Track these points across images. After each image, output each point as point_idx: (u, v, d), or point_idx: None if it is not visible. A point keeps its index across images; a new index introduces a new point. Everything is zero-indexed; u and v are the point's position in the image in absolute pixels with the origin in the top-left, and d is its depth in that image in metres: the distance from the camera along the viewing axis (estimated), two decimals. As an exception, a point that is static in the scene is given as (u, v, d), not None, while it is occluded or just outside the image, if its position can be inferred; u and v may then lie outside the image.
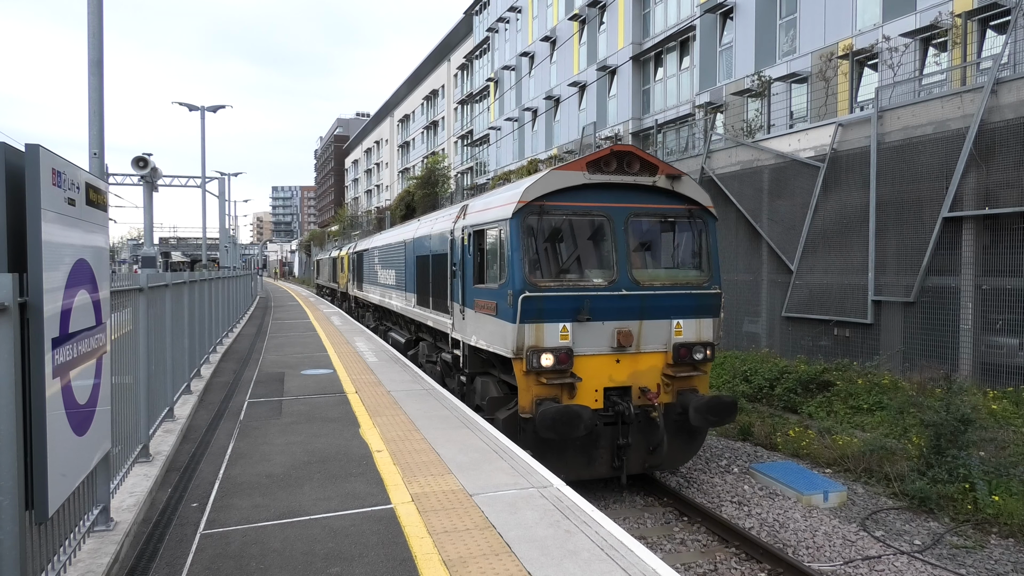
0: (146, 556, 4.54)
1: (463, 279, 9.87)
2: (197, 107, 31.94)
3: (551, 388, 8.09)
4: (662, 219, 8.91)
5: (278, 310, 29.63)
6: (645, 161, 8.60)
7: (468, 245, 9.63)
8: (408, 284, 14.86)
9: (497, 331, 8.48)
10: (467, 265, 9.72)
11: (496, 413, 8.69)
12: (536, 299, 7.99)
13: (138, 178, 18.66)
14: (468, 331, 9.72)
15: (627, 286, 8.35)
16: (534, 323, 8.00)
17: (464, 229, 9.88)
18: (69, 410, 3.59)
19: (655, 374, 8.58)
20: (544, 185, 8.18)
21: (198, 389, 10.22)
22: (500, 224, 8.47)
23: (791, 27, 22.55)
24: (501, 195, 9.01)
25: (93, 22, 9.45)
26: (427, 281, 12.69)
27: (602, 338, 8.31)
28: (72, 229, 3.66)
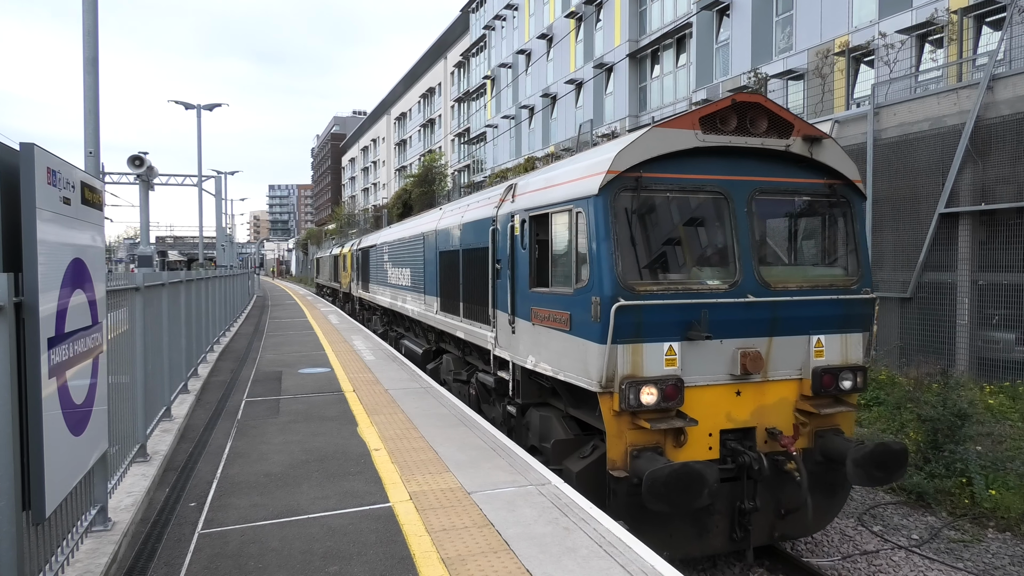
0: (144, 556, 4.54)
1: (513, 280, 7.71)
2: (193, 105, 31.86)
3: (652, 434, 5.91)
4: (795, 197, 6.71)
5: (275, 309, 29.59)
6: (776, 118, 6.37)
7: (521, 236, 7.49)
8: (428, 285, 12.44)
9: (571, 352, 6.29)
10: (519, 262, 7.57)
11: (566, 462, 6.53)
12: (634, 309, 5.76)
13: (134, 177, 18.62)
14: (521, 349, 7.52)
15: (754, 290, 6.15)
16: (631, 343, 5.82)
17: (515, 215, 7.72)
18: (65, 410, 3.58)
19: (786, 410, 6.41)
20: (643, 148, 5.94)
21: (195, 388, 10.20)
22: (575, 205, 6.33)
23: (787, 24, 22.56)
24: (574, 166, 6.81)
25: (88, 20, 9.42)
26: (455, 282, 10.49)
27: (719, 362, 6.13)
28: (67, 228, 3.65)
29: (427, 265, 12.53)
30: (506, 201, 8.24)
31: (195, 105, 31.83)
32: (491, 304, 8.48)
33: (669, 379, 5.86)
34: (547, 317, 6.81)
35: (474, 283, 9.48)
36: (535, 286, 7.20)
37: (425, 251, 12.70)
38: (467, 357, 10.78)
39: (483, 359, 9.57)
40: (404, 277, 15.04)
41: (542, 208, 7.08)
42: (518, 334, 7.65)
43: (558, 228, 6.82)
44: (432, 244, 12.11)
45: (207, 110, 31.99)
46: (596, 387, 5.90)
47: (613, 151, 6.02)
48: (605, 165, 5.94)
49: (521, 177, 8.50)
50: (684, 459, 5.75)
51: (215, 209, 36.03)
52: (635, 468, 5.77)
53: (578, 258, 6.31)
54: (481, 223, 9.12)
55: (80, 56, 9.47)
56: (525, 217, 7.44)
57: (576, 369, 6.24)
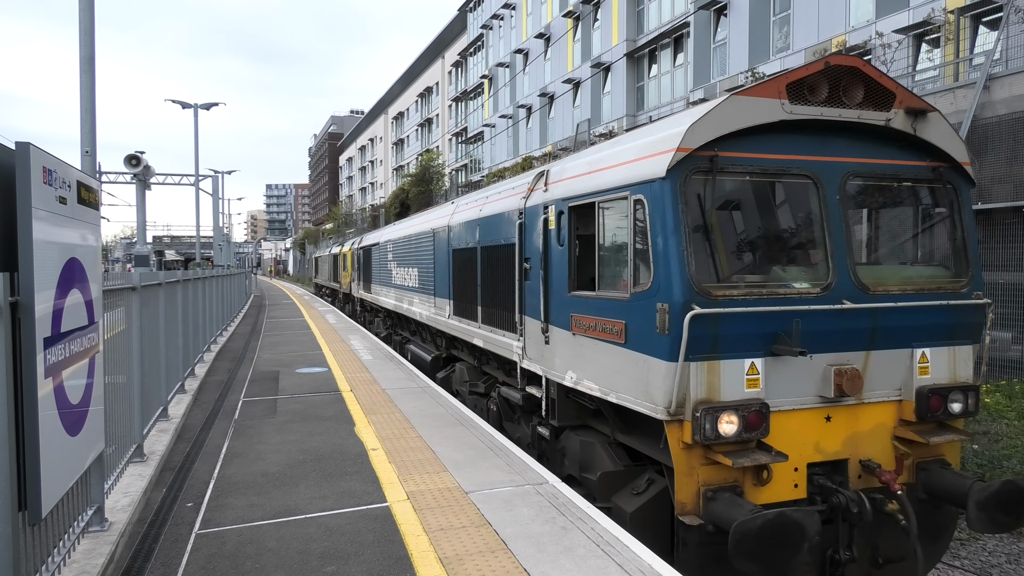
0: (141, 556, 4.53)
1: (546, 283, 6.67)
2: (190, 104, 31.80)
3: (729, 471, 4.91)
4: (895, 182, 5.63)
5: (273, 308, 29.56)
6: (875, 86, 5.28)
7: (557, 230, 6.49)
8: (439, 287, 11.36)
9: (626, 370, 5.30)
10: (554, 261, 6.54)
11: (616, 499, 5.58)
12: (711, 319, 4.76)
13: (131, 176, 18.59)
14: (557, 363, 6.48)
15: (850, 294, 5.14)
16: (706, 360, 4.84)
17: (548, 207, 6.67)
18: (62, 410, 3.57)
19: (883, 438, 5.40)
20: (720, 121, 4.92)
21: (192, 388, 10.19)
22: (633, 192, 5.25)
23: (785, 24, 22.59)
24: (629, 144, 5.66)
25: (84, 19, 9.39)
26: (471, 284, 9.43)
27: (807, 382, 5.14)
28: (63, 228, 3.64)
29: (437, 265, 11.46)
30: (536, 191, 7.17)
31: (192, 104, 31.76)
32: (518, 309, 7.44)
33: (752, 404, 4.84)
34: (593, 327, 5.77)
35: (496, 285, 8.37)
36: (576, 289, 6.18)
37: (435, 249, 11.60)
38: (484, 367, 9.77)
39: (505, 370, 8.61)
40: (411, 277, 13.96)
41: (585, 197, 6.01)
42: (553, 345, 6.57)
43: (608, 220, 5.74)
44: (443, 241, 10.99)
45: (204, 109, 31.93)
46: (662, 414, 4.85)
47: (683, 124, 4.95)
48: (674, 141, 4.87)
49: (554, 163, 7.40)
50: (767, 499, 4.91)
51: (212, 208, 35.98)
52: (711, 513, 4.79)
53: (636, 256, 5.23)
54: (505, 217, 8.06)
55: (76, 55, 9.44)
56: (562, 208, 6.38)
57: (633, 391, 5.18)
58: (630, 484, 5.67)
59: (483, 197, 9.52)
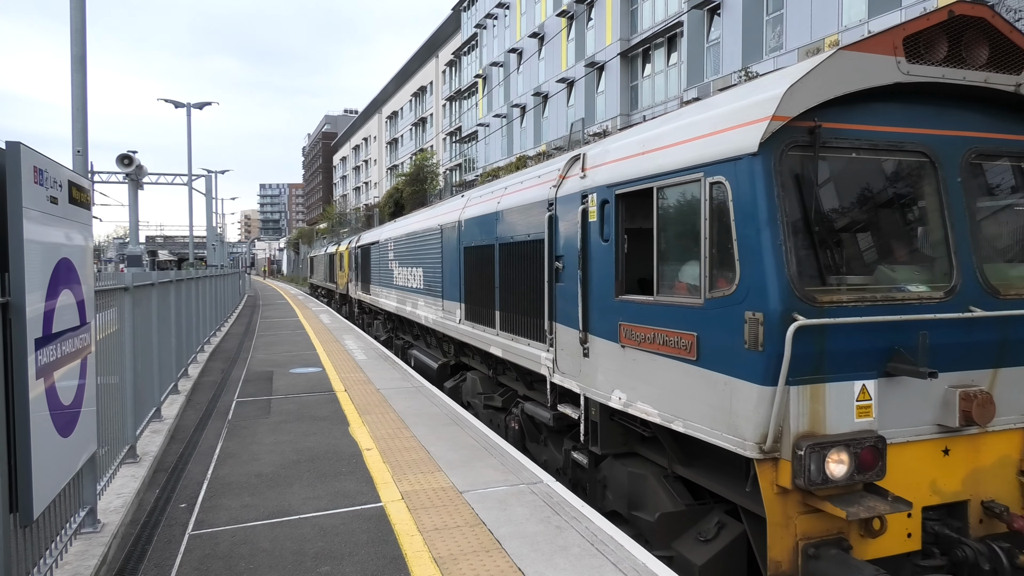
0: (134, 557, 4.51)
1: (585, 284, 5.74)
2: (183, 104, 31.69)
3: (834, 520, 3.99)
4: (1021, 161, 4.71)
5: (266, 308, 29.48)
6: (1004, 43, 4.35)
7: (600, 223, 5.52)
8: (448, 288, 10.43)
9: (698, 393, 4.39)
10: (596, 259, 5.60)
11: (679, 546, 4.75)
12: (817, 332, 3.88)
13: (123, 176, 18.50)
14: (600, 379, 5.54)
15: (978, 299, 4.26)
16: (808, 383, 3.93)
17: (587, 196, 5.76)
18: (53, 411, 3.55)
19: (1007, 474, 4.48)
20: (825, 82, 3.98)
21: (186, 389, 10.15)
22: (709, 172, 4.31)
23: (778, 23, 22.65)
24: (700, 115, 4.70)
25: (76, 17, 9.34)
26: (487, 286, 8.49)
27: (923, 407, 4.23)
28: (55, 228, 3.63)
29: (446, 264, 10.52)
30: (570, 177, 6.25)
31: (185, 104, 31.66)
32: (547, 316, 6.49)
33: (865, 438, 3.90)
34: (650, 338, 4.85)
35: (518, 287, 7.44)
36: (624, 293, 5.28)
37: (443, 247, 10.69)
38: (500, 377, 8.90)
39: (526, 382, 7.77)
40: (415, 278, 12.93)
41: (638, 182, 5.07)
42: (595, 359, 5.62)
43: (670, 208, 4.82)
44: (453, 238, 10.07)
45: (197, 108, 31.83)
46: (751, 451, 3.90)
47: (779, 86, 3.98)
48: (768, 107, 3.93)
49: (590, 145, 6.46)
50: (876, 554, 4.04)
51: (205, 208, 35.85)
52: (813, 575, 3.87)
53: (714, 252, 4.29)
54: (529, 209, 7.15)
55: (65, 53, 9.39)
56: (606, 197, 5.46)
57: (709, 419, 4.26)
58: (694, 528, 4.79)
59: (501, 188, 8.49)
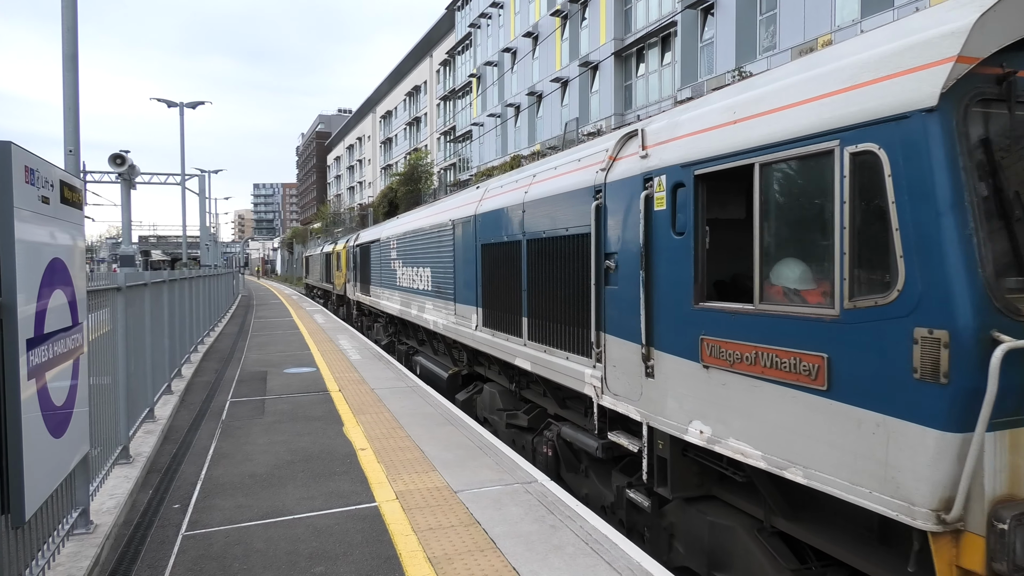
0: (127, 558, 4.49)
1: (649, 287, 4.78)
2: (176, 103, 31.57)
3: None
4: None
5: (260, 308, 29.41)
6: None
7: (672, 211, 4.55)
8: (461, 291, 9.44)
9: (832, 435, 3.39)
10: (665, 256, 4.62)
11: None
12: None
13: (116, 176, 18.42)
14: (670, 405, 4.58)
15: None
16: (1008, 426, 2.96)
17: (652, 179, 4.76)
18: (45, 412, 3.53)
19: None
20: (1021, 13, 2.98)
21: (179, 389, 10.12)
22: (850, 140, 3.31)
23: (771, 23, 22.71)
24: (829, 66, 3.61)
25: (67, 16, 9.30)
26: (511, 288, 7.48)
27: None
28: (46, 227, 3.61)
29: (460, 263, 9.52)
30: (625, 158, 5.21)
31: (177, 103, 31.54)
32: (594, 324, 5.49)
33: None
34: (748, 358, 3.85)
35: (554, 290, 6.44)
36: (707, 299, 4.30)
37: (456, 245, 9.66)
38: (524, 391, 7.93)
39: (558, 399, 6.86)
40: (421, 279, 11.89)
41: (730, 157, 4.02)
42: (663, 380, 4.63)
43: (782, 189, 3.80)
44: (468, 235, 9.06)
45: (190, 108, 31.71)
46: (926, 521, 2.92)
47: (959, 16, 2.97)
48: (949, 47, 2.92)
49: (651, 119, 5.25)
50: None
51: (199, 208, 35.74)
52: None
53: (859, 246, 3.26)
54: (569, 198, 6.08)
55: (59, 53, 9.34)
56: (681, 179, 4.44)
57: (849, 471, 3.24)
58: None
59: (527, 176, 7.49)
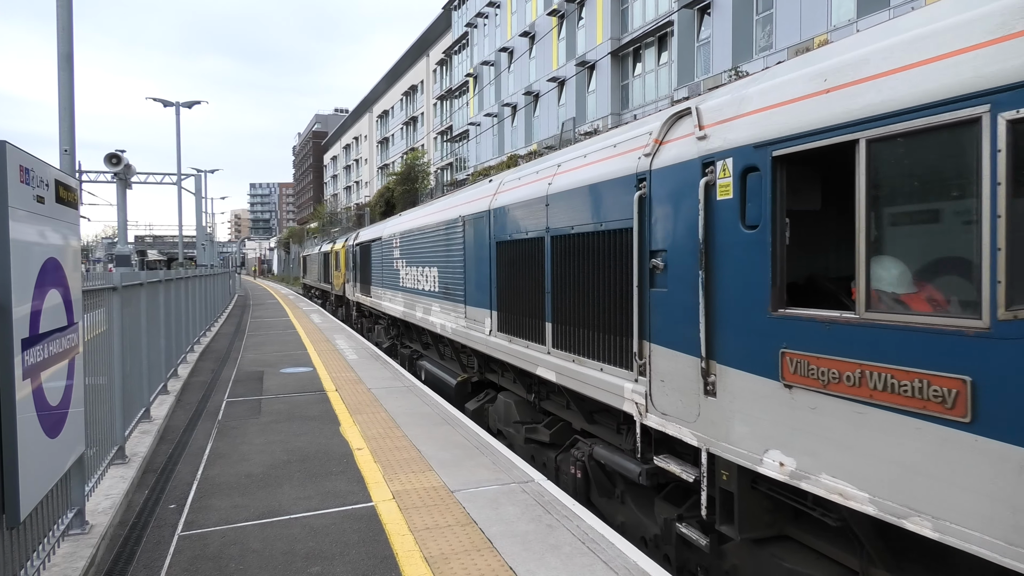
0: (123, 559, 4.48)
1: (709, 290, 4.12)
2: (171, 103, 31.52)
3: None
4: None
5: (257, 308, 29.36)
6: None
7: (741, 201, 3.91)
8: (473, 292, 8.77)
9: (973, 478, 2.70)
10: (729, 252, 3.99)
11: None
12: None
13: (111, 175, 18.38)
14: (738, 430, 3.93)
15: None
16: None
17: (714, 163, 4.12)
18: (41, 412, 3.52)
19: None
20: None
21: (175, 389, 10.10)
22: (996, 105, 2.61)
23: (768, 23, 22.75)
24: (939, 22, 2.98)
25: (62, 16, 9.28)
26: (533, 289, 6.80)
27: None
28: (41, 227, 3.60)
29: (471, 263, 8.84)
30: (676, 141, 4.54)
31: (174, 103, 31.49)
32: (636, 332, 4.81)
33: None
34: (851, 378, 3.22)
35: (585, 292, 5.72)
36: (788, 305, 3.65)
37: (467, 243, 8.99)
38: (544, 402, 7.27)
39: (586, 413, 6.18)
40: (428, 279, 11.20)
41: (823, 134, 3.37)
42: (729, 399, 3.94)
43: (901, 169, 3.11)
44: (481, 232, 8.37)
45: (186, 107, 31.67)
46: None
47: None
48: None
49: (707, 95, 4.52)
50: None
51: (195, 208, 35.66)
52: None
53: (1018, 238, 2.62)
54: (604, 188, 5.37)
55: (55, 52, 9.31)
56: (755, 162, 3.76)
57: (1003, 527, 2.60)
58: None
59: (551, 165, 6.75)
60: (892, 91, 3.08)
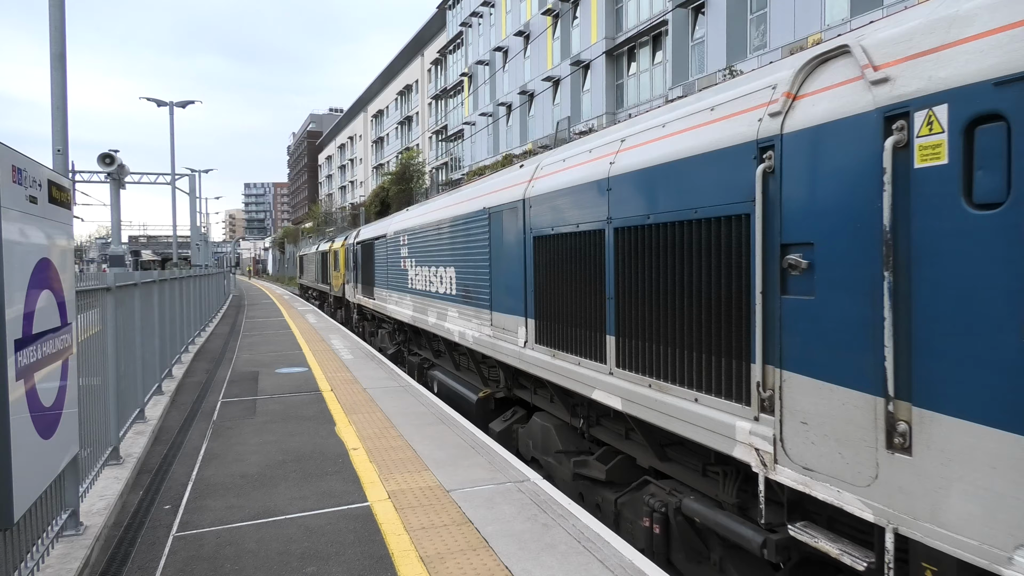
0: (117, 560, 4.47)
1: (897, 300, 2.87)
2: (165, 103, 31.42)
3: None
4: None
5: (252, 308, 29.29)
6: None
7: (966, 166, 2.62)
8: (501, 296, 7.46)
9: None
10: (939, 245, 2.72)
11: None
12: None
13: (105, 175, 18.31)
14: (957, 508, 2.62)
15: None
16: None
17: (911, 114, 2.81)
18: (34, 413, 3.51)
19: None
20: None
21: (170, 390, 10.07)
22: None
23: (761, 22, 22.80)
24: None
25: (55, 15, 9.24)
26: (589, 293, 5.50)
27: None
28: (34, 227, 3.59)
29: (499, 262, 7.53)
30: (821, 92, 3.35)
31: (167, 102, 31.39)
32: (759, 353, 3.64)
33: None
34: None
35: (665, 296, 4.49)
36: None
37: (493, 238, 7.69)
38: (594, 429, 6.04)
39: (658, 448, 5.02)
40: (442, 280, 9.87)
41: None
42: (944, 461, 2.74)
43: None
44: (512, 225, 7.08)
45: (180, 107, 31.58)
46: None
47: None
48: None
49: (864, 29, 3.36)
50: None
51: (189, 208, 35.55)
52: None
53: None
54: (700, 164, 4.17)
55: (48, 52, 9.27)
56: (995, 108, 2.54)
57: None
58: None
59: (613, 141, 5.43)
60: None
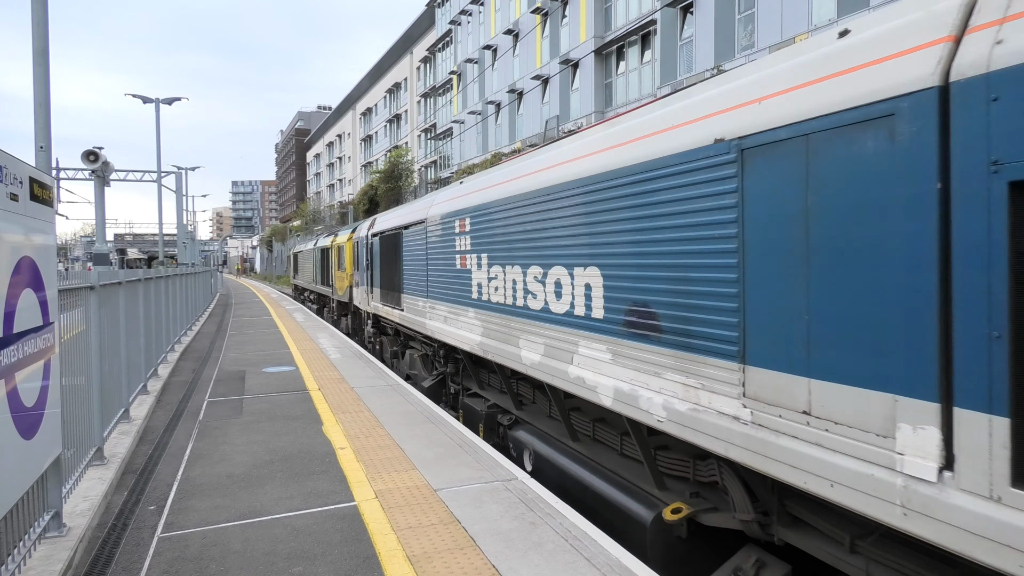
0: (101, 561, 4.43)
1: None
2: (151, 99, 31.14)
3: None
4: None
5: (239, 307, 29.11)
6: None
7: None
8: (774, 334, 3.27)
9: None
10: None
11: None
12: None
13: (89, 173, 18.12)
14: None
15: None
16: None
17: None
18: (15, 413, 3.47)
19: None
20: None
21: (155, 389, 9.99)
22: None
23: (749, 22, 22.90)
24: None
25: (37, 9, 9.13)
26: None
27: None
28: (14, 225, 3.54)
29: (784, 259, 3.22)
30: None
31: (153, 99, 31.11)
32: None
33: None
34: None
35: None
36: None
37: (755, 203, 3.43)
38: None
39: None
40: (563, 290, 5.46)
41: None
42: None
43: None
44: (829, 180, 2.96)
45: (166, 104, 31.31)
46: None
47: None
48: None
49: None
50: None
51: (176, 205, 35.26)
52: None
53: None
54: None
55: (30, 47, 9.15)
56: None
57: None
58: None
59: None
60: None
